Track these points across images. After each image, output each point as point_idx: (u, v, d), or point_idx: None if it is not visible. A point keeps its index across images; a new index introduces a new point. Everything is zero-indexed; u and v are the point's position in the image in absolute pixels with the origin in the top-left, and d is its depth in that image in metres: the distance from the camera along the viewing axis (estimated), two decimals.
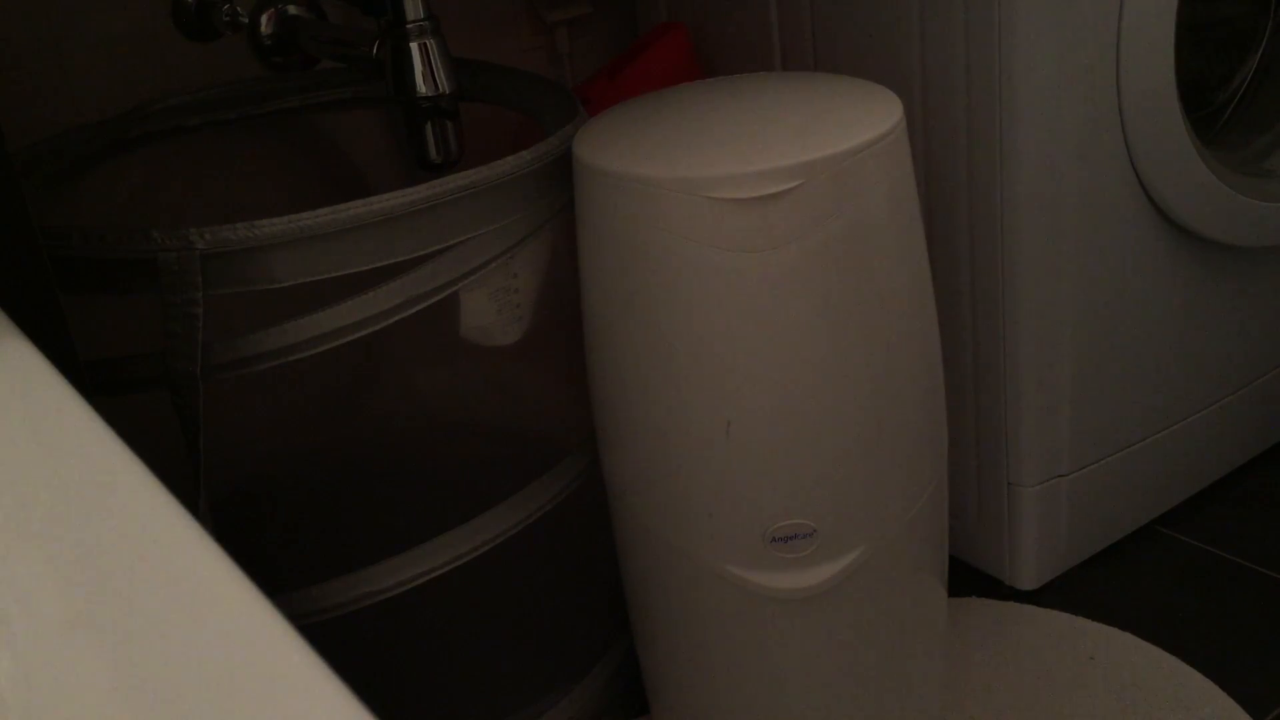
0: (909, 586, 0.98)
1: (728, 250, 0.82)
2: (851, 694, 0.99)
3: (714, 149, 0.84)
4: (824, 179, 0.81)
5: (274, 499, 1.19)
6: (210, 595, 0.34)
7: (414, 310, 0.89)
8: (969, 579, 1.32)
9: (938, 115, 1.15)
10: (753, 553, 0.89)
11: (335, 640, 0.44)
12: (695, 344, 0.85)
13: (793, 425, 0.86)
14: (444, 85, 1.02)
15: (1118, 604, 1.28)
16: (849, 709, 0.99)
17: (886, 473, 0.89)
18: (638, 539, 0.97)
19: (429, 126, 1.07)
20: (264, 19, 1.19)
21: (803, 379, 0.85)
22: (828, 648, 0.95)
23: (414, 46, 1.00)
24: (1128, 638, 1.22)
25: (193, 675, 0.31)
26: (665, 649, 1.03)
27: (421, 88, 1.01)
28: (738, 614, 0.94)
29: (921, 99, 1.15)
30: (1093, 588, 1.31)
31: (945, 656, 1.07)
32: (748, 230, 0.81)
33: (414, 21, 1.00)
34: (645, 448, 0.91)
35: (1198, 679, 1.16)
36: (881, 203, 0.85)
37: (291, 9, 1.19)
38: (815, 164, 0.81)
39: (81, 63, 1.15)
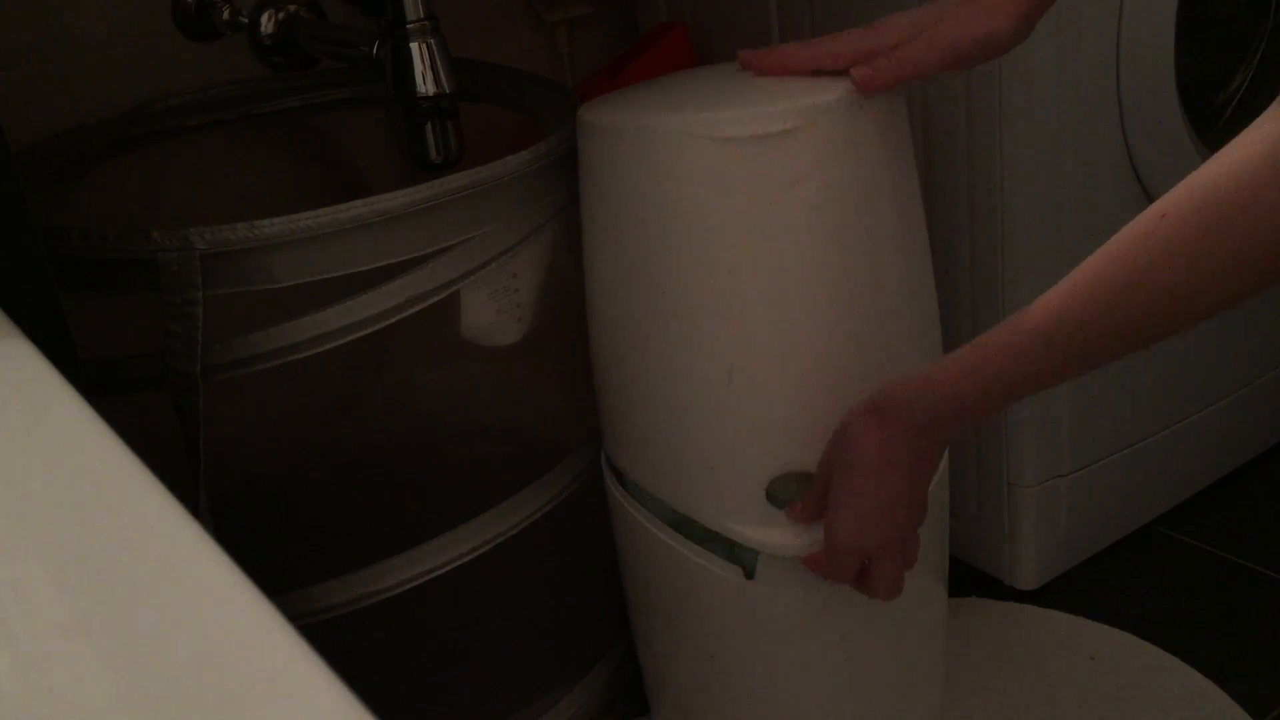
0: (909, 586, 0.98)
1: (729, 194, 0.82)
2: (851, 694, 0.99)
3: (716, 102, 0.85)
4: (824, 124, 0.82)
5: (274, 499, 1.19)
6: (210, 595, 0.34)
7: (414, 310, 0.89)
8: (969, 579, 1.32)
9: (937, 116, 1.15)
10: (752, 508, 0.88)
11: (335, 640, 0.44)
12: (696, 290, 0.85)
13: (795, 372, 0.86)
14: (444, 85, 1.02)
15: (1118, 604, 1.28)
16: (849, 708, 0.99)
17: None
18: (638, 538, 0.97)
19: (429, 126, 1.07)
20: (264, 19, 1.19)
21: (804, 325, 0.85)
22: (827, 647, 0.95)
23: (414, 46, 1.00)
24: (1128, 638, 1.22)
25: (193, 675, 0.31)
26: (665, 649, 1.03)
27: (421, 88, 1.01)
28: (738, 614, 0.94)
29: (921, 100, 1.15)
30: (1093, 588, 1.31)
31: (945, 656, 1.07)
32: (749, 172, 0.82)
33: (414, 21, 1.00)
34: (647, 404, 0.91)
35: (1198, 679, 1.16)
36: (880, 155, 0.85)
37: (291, 9, 1.19)
38: (815, 108, 0.81)
39: (81, 63, 1.15)
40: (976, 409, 0.75)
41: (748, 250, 0.83)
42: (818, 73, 0.85)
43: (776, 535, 0.88)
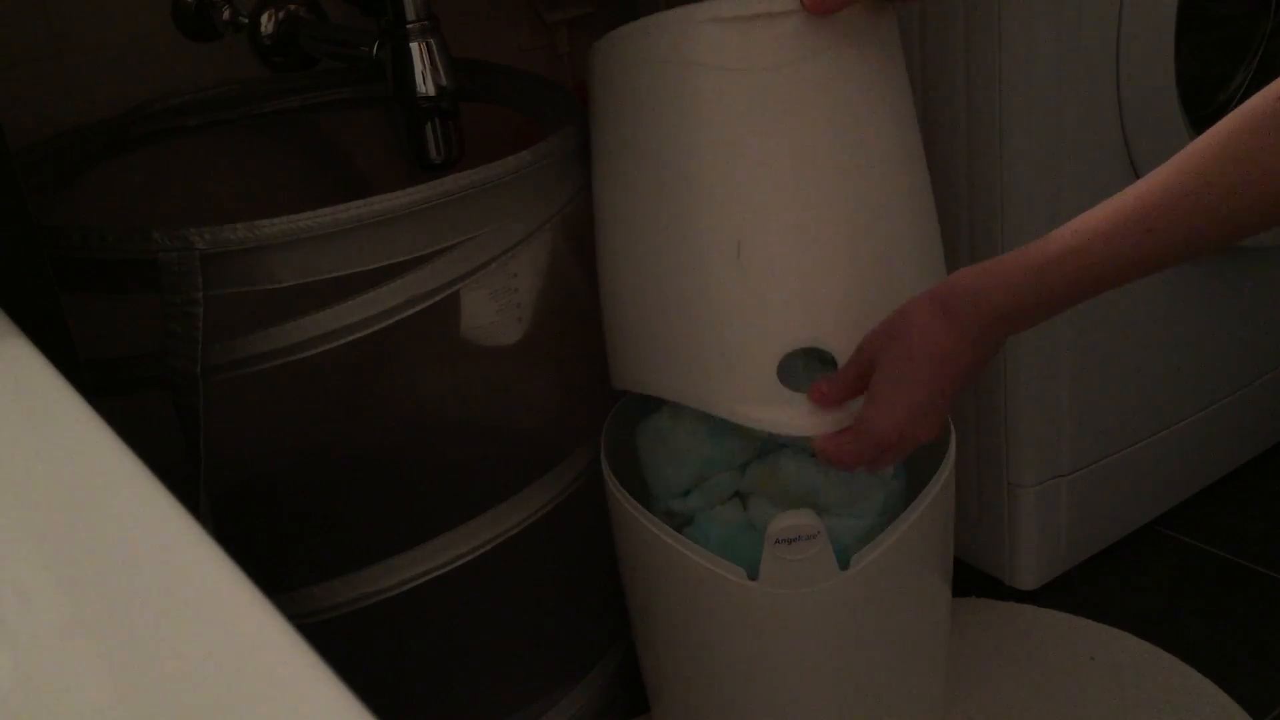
0: (914, 585, 0.98)
1: (734, 70, 0.86)
2: (853, 693, 0.98)
3: None
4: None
5: (274, 499, 1.19)
6: (210, 595, 0.34)
7: (414, 310, 0.89)
8: (969, 579, 1.32)
9: (937, 115, 1.15)
10: (765, 390, 0.88)
11: (335, 640, 0.44)
12: (703, 167, 0.88)
13: (802, 244, 0.88)
14: (444, 85, 1.02)
15: (1118, 604, 1.28)
16: (850, 708, 0.99)
17: (893, 289, 0.89)
18: (639, 539, 0.97)
19: (429, 126, 1.07)
20: (264, 19, 1.19)
21: (809, 197, 0.88)
22: (830, 647, 0.95)
23: (414, 46, 1.00)
24: (1128, 638, 1.22)
25: (193, 675, 0.31)
26: (665, 649, 1.03)
27: (421, 88, 1.01)
28: (740, 615, 0.93)
29: (921, 99, 1.15)
30: (1093, 588, 1.31)
31: (947, 656, 1.06)
32: (753, 49, 0.86)
33: (414, 21, 1.00)
34: (658, 297, 0.92)
35: (1198, 679, 1.16)
36: (874, 49, 0.90)
37: (291, 9, 1.19)
38: None
39: (81, 63, 1.15)
40: (1056, 302, 0.71)
41: (752, 125, 0.87)
42: None
43: (790, 416, 0.88)
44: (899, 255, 0.92)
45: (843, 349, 0.87)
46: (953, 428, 0.98)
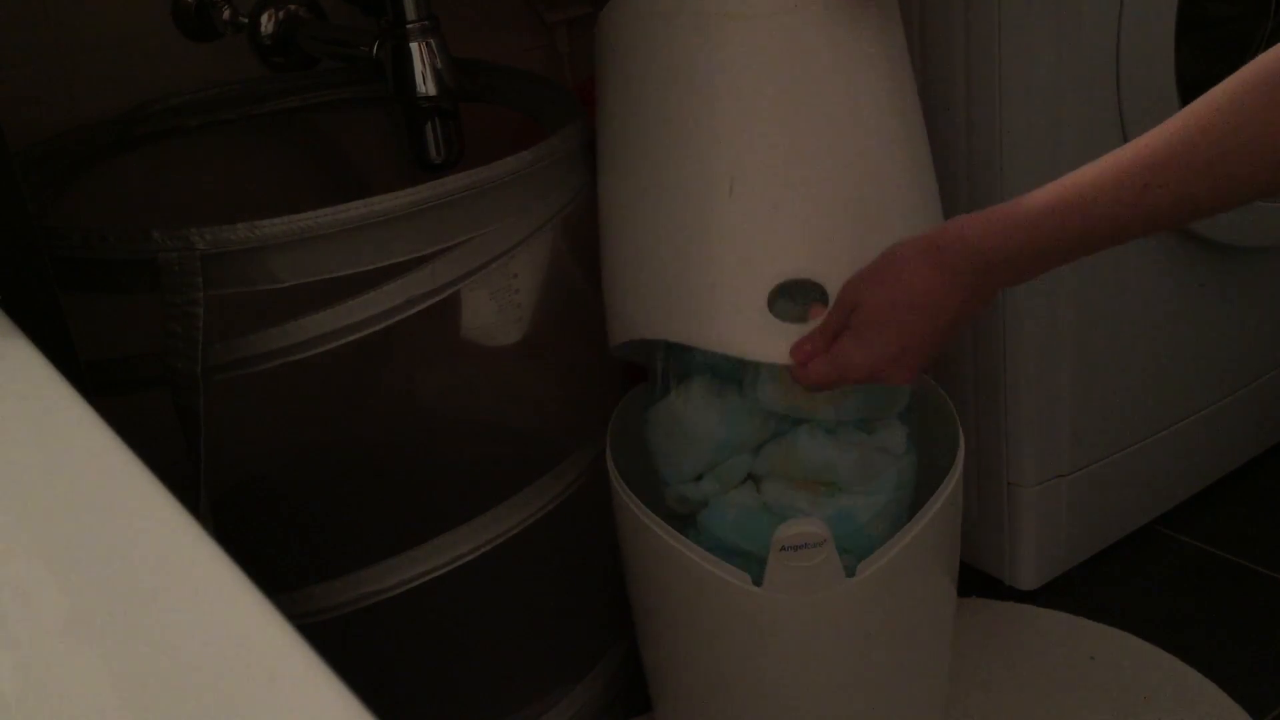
0: (920, 592, 0.97)
1: (735, 16, 0.89)
2: (856, 697, 0.98)
3: None
4: None
5: (274, 498, 1.19)
6: (210, 595, 0.34)
7: (414, 310, 0.89)
8: (969, 579, 1.32)
9: (938, 115, 1.15)
10: (754, 322, 0.89)
11: (335, 640, 0.44)
12: (698, 109, 0.91)
13: (792, 178, 0.90)
14: (444, 85, 1.02)
15: (1118, 604, 1.28)
16: (853, 708, 0.99)
17: (883, 225, 0.90)
18: (643, 541, 0.97)
19: (429, 126, 1.07)
20: (264, 19, 1.19)
21: (799, 134, 0.90)
22: (834, 653, 0.95)
23: (414, 46, 1.00)
24: (1128, 638, 1.22)
25: (192, 675, 0.31)
26: (669, 650, 1.03)
27: (421, 88, 1.01)
28: (744, 619, 0.93)
29: (922, 99, 1.15)
30: (1093, 588, 1.31)
31: (950, 657, 1.06)
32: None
33: (414, 21, 1.00)
34: (653, 239, 0.94)
35: (1198, 679, 1.16)
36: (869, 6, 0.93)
37: (291, 9, 1.19)
38: None
39: (81, 63, 1.15)
40: (1049, 255, 0.70)
41: (748, 68, 0.90)
42: None
43: (780, 346, 0.88)
44: (889, 193, 0.93)
45: (832, 282, 0.87)
46: (961, 433, 0.98)
